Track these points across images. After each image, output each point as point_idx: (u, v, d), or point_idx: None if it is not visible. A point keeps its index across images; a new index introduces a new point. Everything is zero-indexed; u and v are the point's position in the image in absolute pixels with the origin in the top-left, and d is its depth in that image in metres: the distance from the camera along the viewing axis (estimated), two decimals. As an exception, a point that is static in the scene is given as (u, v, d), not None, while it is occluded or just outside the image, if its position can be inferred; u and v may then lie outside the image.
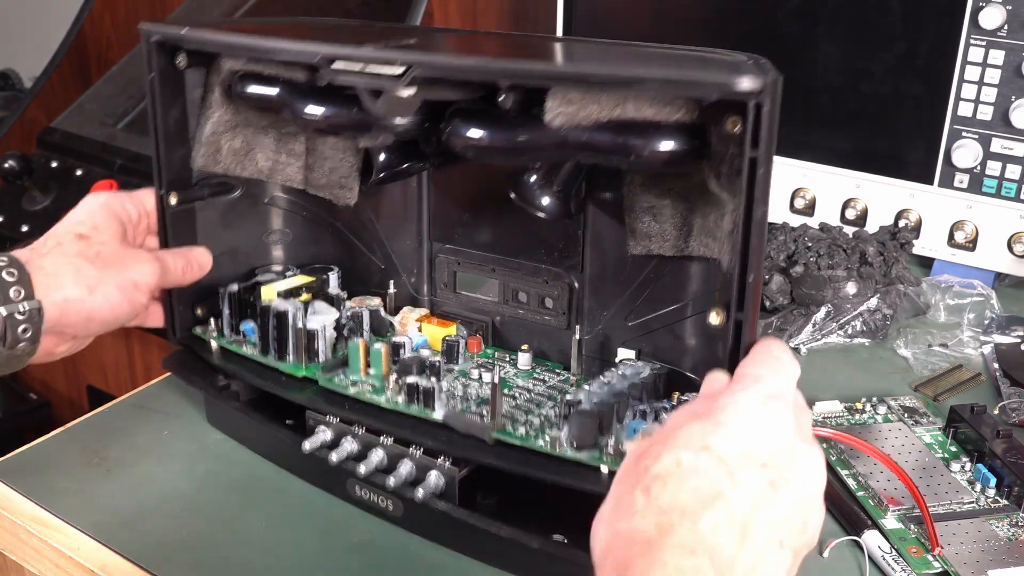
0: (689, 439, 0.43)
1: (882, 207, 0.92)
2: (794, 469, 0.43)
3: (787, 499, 0.42)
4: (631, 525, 0.41)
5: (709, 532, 0.40)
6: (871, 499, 0.64)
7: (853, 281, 0.83)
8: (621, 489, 0.43)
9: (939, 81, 0.86)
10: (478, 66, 0.57)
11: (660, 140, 0.56)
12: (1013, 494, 0.64)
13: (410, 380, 0.63)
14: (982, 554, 0.59)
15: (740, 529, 0.40)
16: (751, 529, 0.41)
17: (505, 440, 0.59)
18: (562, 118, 0.57)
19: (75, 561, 0.63)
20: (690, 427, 0.43)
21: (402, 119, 0.63)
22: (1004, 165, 0.86)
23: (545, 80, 0.56)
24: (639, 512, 0.41)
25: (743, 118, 0.49)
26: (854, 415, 0.72)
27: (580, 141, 0.57)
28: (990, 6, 0.83)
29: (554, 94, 0.56)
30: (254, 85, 0.68)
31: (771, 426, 0.44)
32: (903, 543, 0.61)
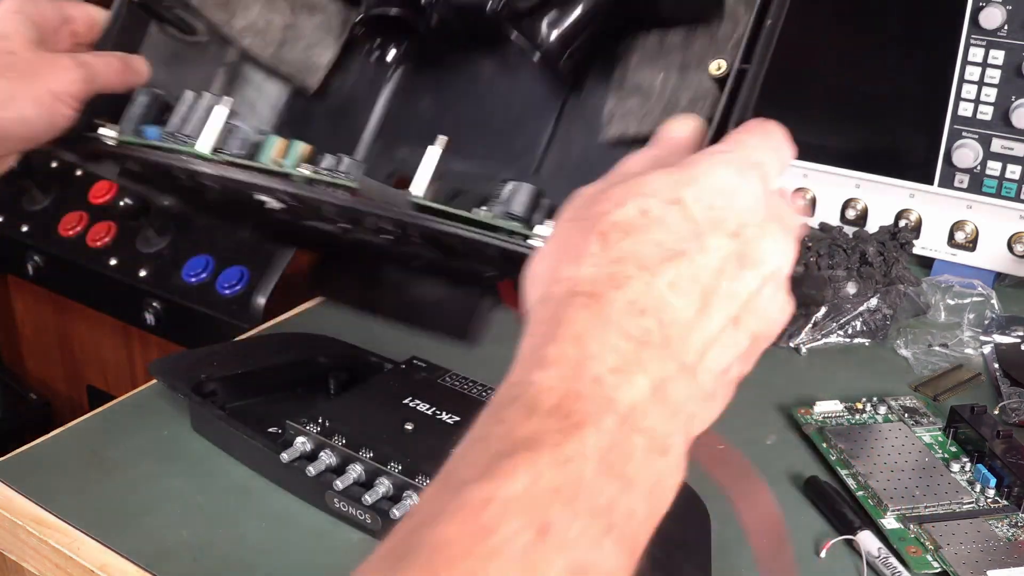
0: (657, 188, 0.38)
1: (882, 207, 0.92)
2: (764, 248, 0.39)
3: (753, 277, 0.38)
4: (578, 271, 0.36)
5: (666, 290, 0.35)
6: (870, 499, 0.64)
7: (853, 281, 0.83)
8: (570, 231, 0.38)
9: (939, 81, 0.86)
10: None
11: None
12: (1013, 494, 0.64)
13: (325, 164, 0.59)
14: (982, 554, 0.59)
15: (700, 296, 0.36)
16: (711, 299, 0.36)
17: (427, 205, 0.53)
18: None
19: (75, 561, 0.63)
20: (658, 175, 0.39)
21: None
22: (1004, 165, 0.86)
23: None
24: (591, 257, 0.36)
25: None
26: (854, 415, 0.72)
27: None
28: (990, 6, 0.82)
29: None
30: None
31: (747, 195, 0.39)
32: (902, 543, 0.61)
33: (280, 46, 0.72)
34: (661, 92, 0.58)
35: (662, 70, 0.59)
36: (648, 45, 0.61)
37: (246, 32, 0.71)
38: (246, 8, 0.71)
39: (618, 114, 0.60)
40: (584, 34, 0.62)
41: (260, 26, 0.71)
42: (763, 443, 0.71)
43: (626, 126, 0.59)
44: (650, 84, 0.59)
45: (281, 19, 0.72)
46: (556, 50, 0.61)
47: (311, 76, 0.70)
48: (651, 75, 0.59)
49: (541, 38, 0.60)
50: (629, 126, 0.59)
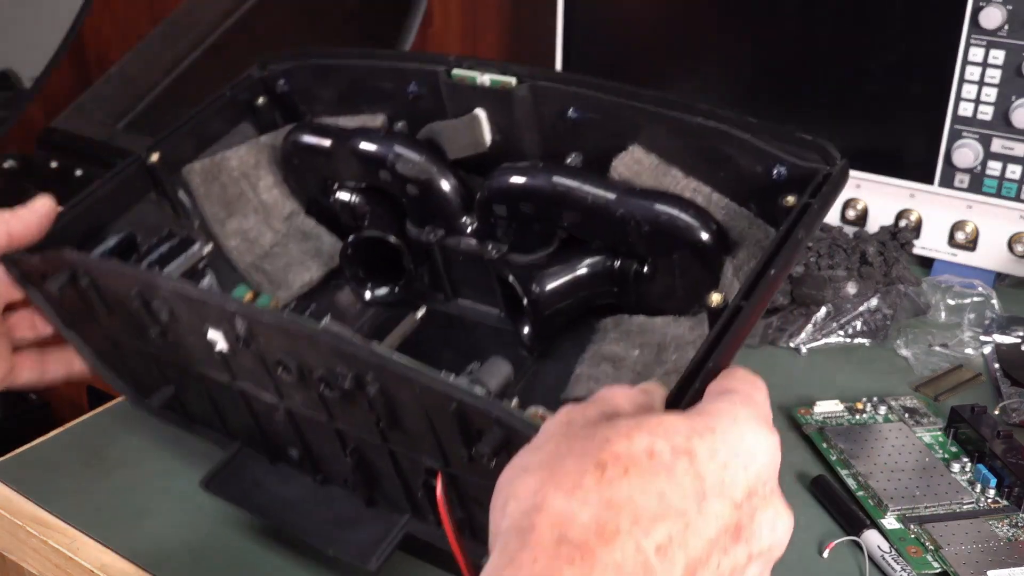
0: (670, 431, 0.35)
1: (882, 207, 0.92)
2: (763, 522, 0.37)
3: (743, 553, 0.36)
4: (568, 507, 0.33)
5: (653, 555, 0.33)
6: (871, 499, 0.64)
7: (853, 281, 0.83)
8: (562, 449, 0.35)
9: (939, 81, 0.86)
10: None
11: (707, 219, 0.58)
12: (1013, 494, 0.64)
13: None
14: (982, 555, 0.59)
15: (685, 566, 0.33)
16: (696, 570, 0.34)
17: (388, 356, 0.49)
18: (628, 171, 0.60)
19: (75, 561, 0.63)
20: (673, 418, 0.36)
21: None
22: (1004, 165, 0.86)
23: (634, 120, 0.59)
24: (584, 492, 0.33)
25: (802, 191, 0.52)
26: (854, 415, 0.72)
27: (632, 201, 0.58)
28: (990, 6, 0.82)
29: (632, 150, 0.60)
30: (306, 135, 0.71)
31: (762, 461, 0.37)
32: (902, 543, 0.61)
33: (262, 258, 0.72)
34: (634, 364, 0.60)
35: (639, 347, 0.61)
36: (630, 323, 0.63)
37: (235, 235, 0.72)
38: (244, 216, 0.72)
39: (586, 377, 0.61)
40: (572, 300, 0.64)
41: (251, 236, 0.72)
42: (763, 443, 0.71)
43: (592, 388, 0.59)
44: (624, 357, 0.61)
45: (272, 237, 0.73)
46: (545, 300, 0.63)
47: (283, 291, 0.70)
48: (626, 349, 0.61)
49: (535, 287, 0.63)
50: (595, 389, 0.57)
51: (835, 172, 0.53)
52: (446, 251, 0.68)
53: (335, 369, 0.48)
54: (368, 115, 0.72)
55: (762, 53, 0.94)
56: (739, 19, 0.95)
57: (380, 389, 0.47)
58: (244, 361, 0.54)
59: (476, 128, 0.65)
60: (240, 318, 0.50)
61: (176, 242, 0.62)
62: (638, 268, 0.62)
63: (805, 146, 0.55)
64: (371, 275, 0.70)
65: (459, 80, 0.65)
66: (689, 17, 0.98)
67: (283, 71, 0.74)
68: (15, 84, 1.82)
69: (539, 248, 0.65)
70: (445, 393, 0.43)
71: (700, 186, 0.59)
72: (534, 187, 0.62)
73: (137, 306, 0.55)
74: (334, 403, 0.50)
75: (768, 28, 0.93)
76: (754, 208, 0.58)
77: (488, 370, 0.46)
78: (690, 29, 0.98)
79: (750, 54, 0.95)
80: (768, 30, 0.93)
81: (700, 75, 0.98)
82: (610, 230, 0.61)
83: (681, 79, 0.99)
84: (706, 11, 0.97)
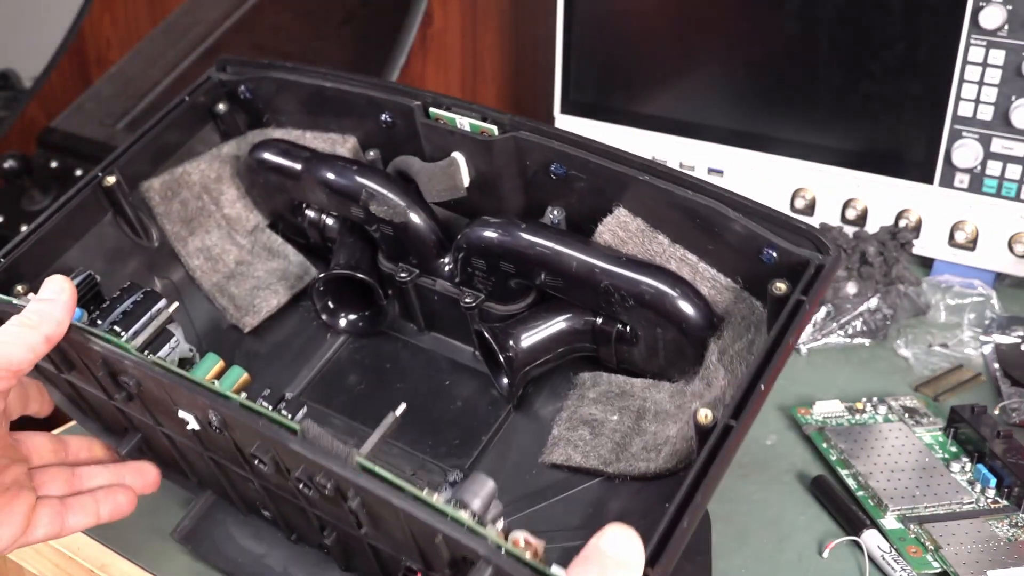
0: None
1: (882, 207, 0.92)
2: None
3: None
4: None
5: None
6: (871, 499, 0.64)
7: (853, 281, 0.83)
8: None
9: (939, 81, 0.86)
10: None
11: (694, 297, 0.56)
12: (1013, 494, 0.64)
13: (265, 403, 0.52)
14: (982, 554, 0.59)
15: None
16: None
17: (371, 470, 0.46)
18: (613, 237, 0.57)
19: (75, 561, 0.63)
20: None
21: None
22: (1004, 165, 0.86)
23: (621, 184, 0.57)
24: None
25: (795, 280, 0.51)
26: (854, 415, 0.72)
27: (616, 272, 0.56)
28: (990, 6, 0.82)
29: (618, 214, 0.57)
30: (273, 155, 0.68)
31: None
32: (902, 543, 0.61)
33: (228, 278, 0.69)
34: (612, 432, 0.58)
35: (618, 412, 0.59)
36: (609, 383, 0.61)
37: (198, 254, 0.69)
38: (207, 232, 0.70)
39: (564, 441, 0.59)
40: (550, 356, 0.62)
41: (214, 252, 0.69)
42: (764, 443, 0.71)
43: (569, 455, 0.58)
44: (602, 421, 0.59)
45: (237, 253, 0.70)
46: (522, 358, 0.60)
47: (249, 317, 0.68)
48: (605, 413, 0.60)
49: (512, 343, 0.60)
50: (572, 456, 0.58)
51: (827, 264, 0.51)
52: (420, 290, 0.65)
53: (315, 477, 0.46)
54: (338, 135, 0.69)
55: (762, 53, 0.94)
56: (739, 19, 0.95)
57: (362, 503, 0.46)
58: (218, 440, 0.52)
59: (455, 172, 0.62)
60: (212, 411, 0.49)
61: (140, 297, 0.57)
62: (620, 329, 0.60)
63: (798, 232, 0.53)
64: (341, 303, 0.68)
65: (436, 120, 0.62)
66: (689, 15, 0.98)
67: (245, 79, 0.70)
68: (15, 84, 1.82)
69: (517, 299, 0.62)
70: (430, 524, 0.43)
71: (687, 255, 0.57)
72: (514, 246, 0.60)
73: (103, 375, 0.54)
74: (314, 497, 0.49)
75: (768, 28, 0.93)
76: (741, 281, 0.56)
77: (471, 488, 0.45)
78: (690, 27, 0.98)
79: (750, 54, 0.95)
80: (768, 30, 0.93)
81: (700, 74, 0.98)
82: (593, 298, 0.59)
83: (681, 77, 0.99)
84: (706, 10, 0.97)
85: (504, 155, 0.61)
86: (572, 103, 1.04)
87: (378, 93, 0.66)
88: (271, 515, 0.58)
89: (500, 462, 0.61)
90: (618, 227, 0.58)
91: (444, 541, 0.43)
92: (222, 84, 0.71)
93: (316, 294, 0.66)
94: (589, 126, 1.03)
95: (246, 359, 0.68)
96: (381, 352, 0.68)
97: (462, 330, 0.65)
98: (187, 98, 0.70)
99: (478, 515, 0.44)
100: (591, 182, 0.59)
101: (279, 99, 0.70)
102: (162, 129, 0.68)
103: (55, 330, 0.51)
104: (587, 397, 0.61)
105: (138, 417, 0.57)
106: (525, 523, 0.56)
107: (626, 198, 0.58)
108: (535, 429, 0.62)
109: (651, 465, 0.55)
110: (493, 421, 0.63)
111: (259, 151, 0.69)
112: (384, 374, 0.67)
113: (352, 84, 0.67)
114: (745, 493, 0.67)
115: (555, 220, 0.62)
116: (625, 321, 0.59)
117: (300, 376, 0.67)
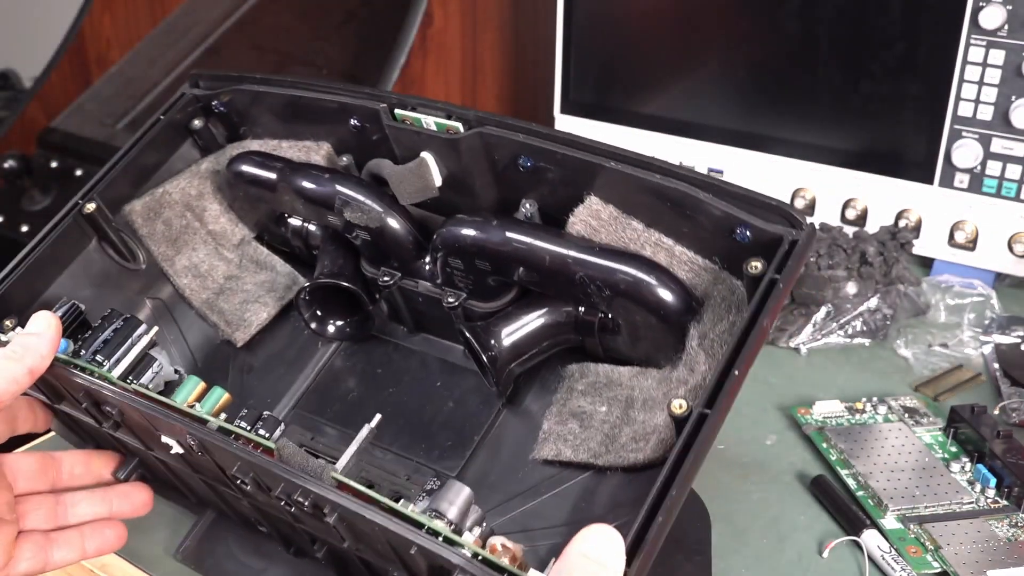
0: None
1: (882, 207, 0.92)
2: None
3: None
4: None
5: None
6: (871, 499, 0.64)
7: (853, 281, 0.83)
8: None
9: (939, 81, 0.86)
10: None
11: (670, 283, 0.55)
12: (1013, 494, 0.64)
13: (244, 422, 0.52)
14: (982, 554, 0.59)
15: None
16: None
17: (349, 484, 0.47)
18: (585, 227, 0.57)
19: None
20: None
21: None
22: (1004, 165, 0.86)
23: (589, 172, 0.56)
24: None
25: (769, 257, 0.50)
26: (854, 415, 0.72)
27: (591, 262, 0.56)
28: (990, 6, 0.82)
29: (589, 203, 0.57)
30: (249, 167, 0.68)
31: None
32: (902, 543, 0.61)
33: (217, 294, 0.69)
34: (601, 424, 0.58)
35: (606, 403, 0.59)
36: (597, 374, 0.60)
37: (185, 272, 0.69)
38: (193, 250, 0.70)
39: (554, 436, 0.59)
40: (534, 351, 0.61)
41: (202, 269, 0.70)
42: (763, 443, 0.71)
43: (560, 450, 0.58)
44: (591, 413, 0.59)
45: (225, 268, 0.70)
46: (506, 356, 0.60)
47: (240, 331, 0.68)
48: (594, 405, 0.59)
49: (494, 342, 0.60)
50: (563, 451, 0.58)
51: (801, 239, 0.51)
52: (405, 292, 0.65)
53: (292, 495, 0.47)
54: (312, 142, 0.69)
55: (762, 53, 0.94)
56: (739, 19, 0.95)
57: (340, 517, 0.47)
58: (203, 462, 0.54)
59: (425, 173, 0.62)
60: (189, 436, 0.50)
61: (120, 324, 0.58)
62: (602, 319, 0.59)
63: (769, 209, 0.53)
64: (329, 311, 0.67)
65: (403, 121, 0.62)
66: (689, 15, 0.98)
67: (217, 93, 0.70)
68: (15, 84, 1.82)
69: (498, 296, 0.62)
70: (405, 537, 0.43)
71: (662, 239, 0.57)
72: (487, 243, 0.59)
73: (87, 405, 0.55)
74: (298, 514, 0.50)
75: (768, 28, 0.93)
76: (719, 262, 0.56)
77: (446, 496, 0.45)
78: (690, 27, 0.98)
79: (750, 54, 0.95)
80: (768, 30, 0.93)
81: (700, 74, 0.98)
82: (570, 290, 0.58)
83: (681, 77, 0.99)
84: (706, 10, 0.97)
85: (471, 152, 0.60)
86: (572, 103, 1.04)
87: (345, 98, 0.65)
88: (267, 530, 0.59)
89: (492, 461, 0.61)
90: (590, 216, 0.58)
91: (420, 552, 0.43)
92: (196, 100, 0.71)
93: (302, 304, 0.66)
94: (589, 126, 1.03)
95: (240, 374, 0.68)
96: (372, 357, 0.68)
97: (451, 329, 0.65)
98: (162, 116, 0.69)
99: (455, 523, 0.44)
100: (560, 173, 0.59)
101: (253, 111, 0.70)
102: (140, 150, 0.68)
103: (39, 363, 0.53)
104: (576, 389, 0.60)
105: (130, 443, 0.58)
106: (518, 521, 0.57)
107: (596, 186, 0.58)
108: (527, 424, 0.62)
109: (639, 456, 0.54)
110: (485, 420, 0.63)
111: (235, 164, 0.69)
112: (376, 379, 0.67)
113: (319, 91, 0.67)
114: (745, 493, 0.67)
115: (528, 213, 0.61)
116: (605, 311, 0.59)
117: (295, 386, 0.68)
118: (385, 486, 0.58)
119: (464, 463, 0.61)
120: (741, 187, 0.54)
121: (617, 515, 0.41)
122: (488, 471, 0.60)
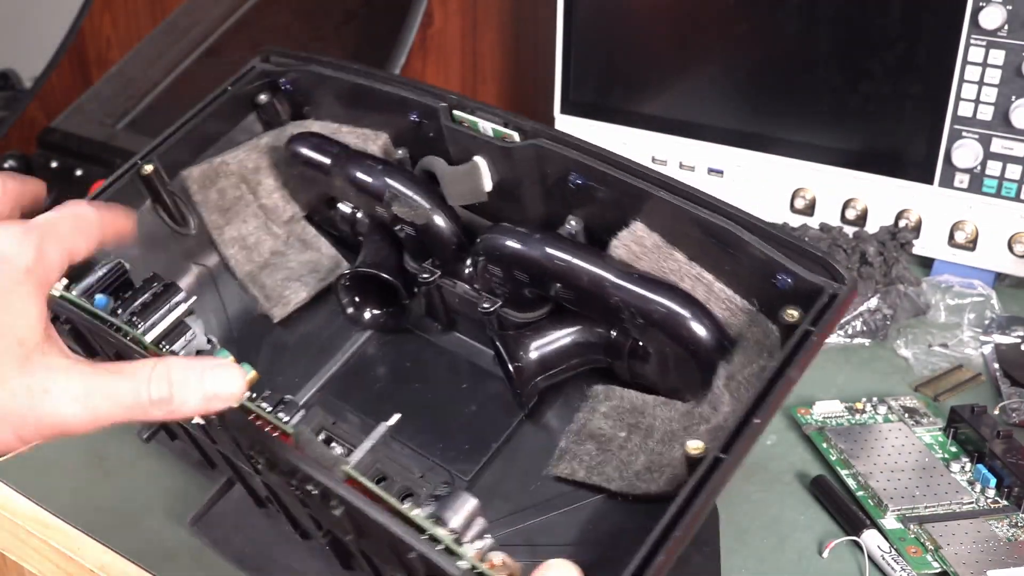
0: None
1: (882, 207, 0.92)
2: None
3: None
4: None
5: None
6: (871, 499, 0.64)
7: (853, 281, 0.83)
8: None
9: (939, 81, 0.86)
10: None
11: (705, 319, 0.55)
12: (1013, 494, 0.64)
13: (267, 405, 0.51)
14: (981, 555, 0.59)
15: None
16: None
17: (358, 480, 0.47)
18: (627, 252, 0.57)
19: (75, 561, 0.63)
20: None
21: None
22: (1004, 165, 0.86)
23: (638, 198, 0.56)
24: None
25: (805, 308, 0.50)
26: (854, 415, 0.72)
27: (628, 288, 0.56)
28: (990, 6, 0.82)
29: (634, 228, 0.57)
30: (306, 149, 0.69)
31: None
32: (902, 543, 0.61)
33: (261, 268, 0.70)
34: (619, 449, 0.58)
35: (627, 429, 0.58)
36: (621, 398, 0.60)
37: (233, 243, 0.70)
38: (244, 221, 0.71)
39: (570, 455, 0.59)
40: (562, 367, 0.61)
41: (249, 242, 0.71)
42: (764, 443, 0.71)
43: (574, 469, 0.58)
44: (611, 437, 0.59)
45: (272, 243, 0.71)
46: (532, 369, 0.60)
47: (278, 308, 0.69)
48: (614, 429, 0.59)
49: (522, 353, 0.60)
50: (577, 471, 0.58)
51: (841, 294, 0.50)
52: (442, 291, 0.66)
53: (304, 483, 0.47)
54: (371, 131, 0.70)
55: (762, 53, 0.94)
56: (739, 19, 0.95)
57: (346, 511, 0.46)
58: (221, 435, 0.54)
59: (476, 176, 0.62)
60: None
61: (159, 289, 0.57)
62: (633, 344, 0.59)
63: (814, 260, 0.52)
64: (366, 299, 0.68)
65: (460, 123, 0.63)
66: (689, 15, 0.98)
67: (284, 72, 0.72)
68: (15, 84, 1.82)
69: (533, 308, 0.63)
70: (405, 540, 0.43)
71: (702, 273, 0.56)
72: (527, 256, 0.60)
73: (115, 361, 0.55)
74: (306, 500, 0.50)
75: (768, 28, 0.93)
76: (757, 304, 0.55)
77: (451, 505, 0.45)
78: (690, 27, 0.98)
79: (750, 54, 0.95)
80: (768, 30, 0.93)
81: (700, 74, 0.98)
82: (604, 313, 0.58)
83: (681, 77, 0.99)
84: (706, 10, 0.97)
85: (524, 162, 0.61)
86: (572, 103, 1.04)
87: (408, 93, 0.66)
88: (276, 509, 0.59)
89: (507, 471, 0.61)
90: (633, 242, 0.58)
91: (418, 558, 0.43)
92: (264, 75, 0.72)
93: (342, 289, 0.68)
94: (589, 126, 1.03)
95: (272, 350, 0.69)
96: (404, 350, 0.69)
97: (484, 333, 0.66)
98: (230, 88, 0.71)
99: (458, 533, 0.44)
100: (609, 195, 0.58)
101: (318, 92, 0.71)
102: (203, 118, 0.69)
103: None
104: (598, 411, 0.60)
105: None
106: (525, 535, 0.57)
107: (644, 212, 0.58)
108: (545, 439, 0.62)
109: (652, 487, 0.54)
110: (504, 428, 0.63)
111: (294, 144, 0.70)
112: (404, 372, 0.68)
113: (384, 82, 0.68)
114: (745, 493, 0.67)
115: (573, 231, 0.61)
116: (637, 337, 0.59)
117: (324, 369, 0.68)
118: (398, 480, 0.58)
119: (479, 468, 0.61)
120: (789, 234, 0.54)
121: (623, 543, 0.41)
122: (501, 480, 0.60)
